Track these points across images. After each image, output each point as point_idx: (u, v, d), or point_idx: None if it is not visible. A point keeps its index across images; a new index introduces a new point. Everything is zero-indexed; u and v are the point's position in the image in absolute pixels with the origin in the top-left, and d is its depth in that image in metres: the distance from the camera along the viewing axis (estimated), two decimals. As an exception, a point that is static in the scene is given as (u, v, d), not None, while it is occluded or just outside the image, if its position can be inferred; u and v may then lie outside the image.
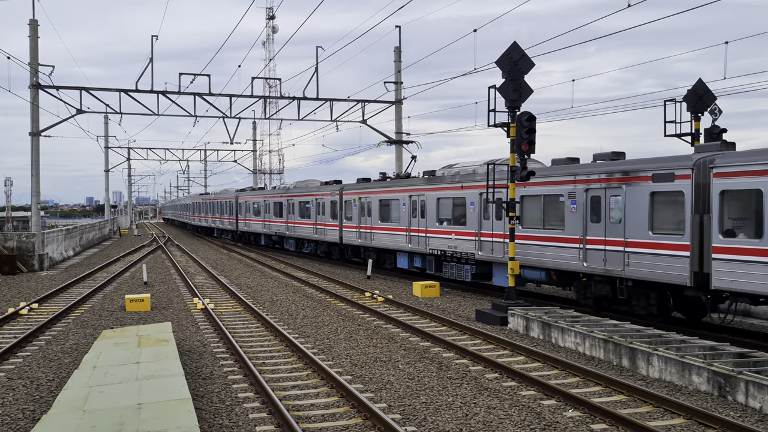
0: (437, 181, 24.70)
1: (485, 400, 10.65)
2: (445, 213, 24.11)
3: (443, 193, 24.07)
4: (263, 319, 17.63)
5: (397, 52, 37.92)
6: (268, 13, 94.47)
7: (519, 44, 17.24)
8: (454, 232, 23.37)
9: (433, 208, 24.68)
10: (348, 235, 31.95)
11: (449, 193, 23.71)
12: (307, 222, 36.94)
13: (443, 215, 24.20)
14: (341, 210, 32.63)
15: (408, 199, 26.35)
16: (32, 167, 34.78)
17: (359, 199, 30.58)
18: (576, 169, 18.26)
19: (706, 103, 18.58)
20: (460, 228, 23.04)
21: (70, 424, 7.92)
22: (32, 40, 34.37)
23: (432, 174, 25.96)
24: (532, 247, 19.59)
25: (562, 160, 19.18)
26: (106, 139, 76.23)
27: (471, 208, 22.38)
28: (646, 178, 15.81)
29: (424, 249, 25.23)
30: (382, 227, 28.51)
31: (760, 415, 9.80)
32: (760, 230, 13.26)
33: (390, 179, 29.82)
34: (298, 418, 9.70)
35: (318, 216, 35.44)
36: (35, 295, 23.22)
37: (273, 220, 43.15)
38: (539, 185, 19.23)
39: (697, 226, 14.74)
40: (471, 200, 22.38)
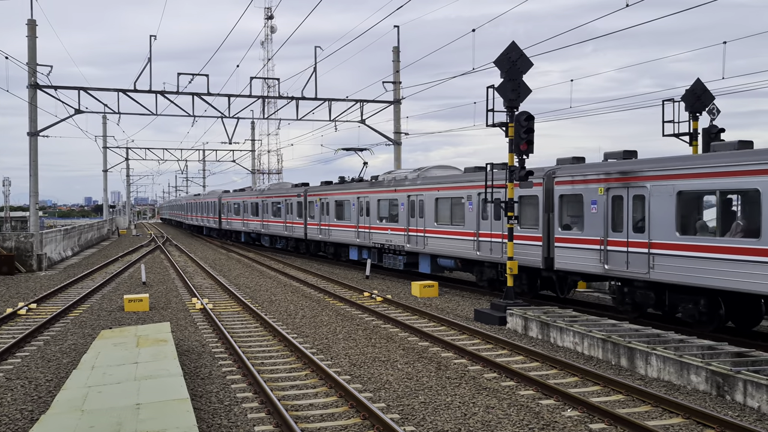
0: (378, 185, 28.83)
1: (484, 400, 10.66)
2: (383, 212, 28.31)
3: (382, 195, 28.30)
4: (262, 319, 17.63)
5: (396, 52, 37.92)
6: (266, 13, 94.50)
7: (517, 44, 17.26)
8: (390, 228, 27.58)
9: (375, 208, 28.89)
10: (311, 231, 36.31)
11: (386, 195, 27.95)
12: (279, 221, 41.66)
13: (382, 214, 28.39)
14: (305, 210, 36.91)
15: (357, 200, 30.59)
16: (30, 167, 34.75)
17: (320, 200, 34.84)
18: (473, 176, 22.33)
19: (705, 102, 18.59)
20: (394, 225, 27.24)
21: (68, 425, 7.91)
22: (30, 40, 34.33)
23: (376, 179, 30.03)
24: (444, 240, 23.57)
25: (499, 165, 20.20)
26: (104, 139, 76.18)
27: (402, 208, 26.54)
28: (515, 184, 18.20)
29: (369, 243, 29.43)
30: (337, 224, 32.81)
31: (758, 415, 9.82)
32: (582, 225, 17.67)
33: (345, 183, 33.60)
34: (297, 418, 9.70)
35: (287, 215, 39.96)
36: (34, 296, 23.20)
37: (250, 219, 48.01)
38: (449, 189, 23.32)
39: (546, 222, 18.93)
40: (401, 201, 26.51)
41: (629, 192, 16.20)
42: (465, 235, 22.38)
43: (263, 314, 18.51)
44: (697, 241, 14.48)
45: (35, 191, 35.18)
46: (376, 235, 28.66)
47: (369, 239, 29.34)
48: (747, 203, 14.27)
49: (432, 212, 24.52)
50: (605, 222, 16.96)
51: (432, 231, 24.34)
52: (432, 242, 24.49)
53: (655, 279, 15.42)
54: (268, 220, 44.06)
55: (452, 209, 23.38)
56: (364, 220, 29.86)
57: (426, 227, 24.78)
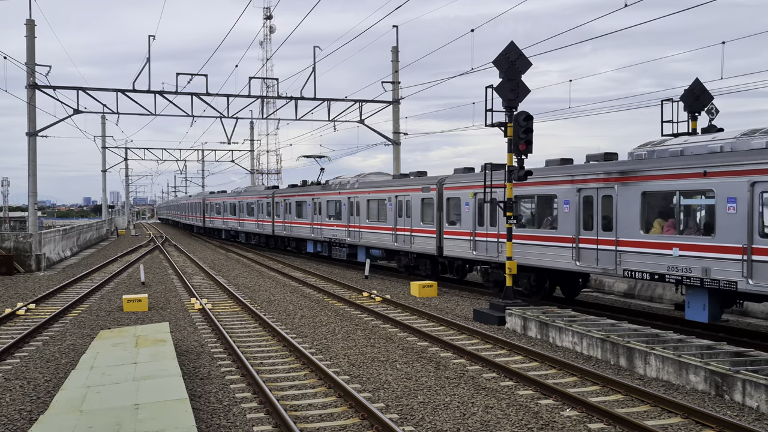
0: (327, 188, 34.21)
1: (483, 400, 10.66)
2: (331, 211, 33.68)
3: (330, 197, 33.63)
4: (261, 319, 17.62)
5: (395, 52, 37.91)
6: (265, 12, 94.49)
7: (515, 44, 17.25)
8: (335, 224, 32.94)
9: (324, 207, 34.35)
10: (277, 228, 41.87)
11: (333, 197, 33.28)
12: (252, 219, 47.13)
13: (330, 213, 33.75)
14: (273, 209, 42.37)
15: (312, 201, 36.04)
16: (29, 167, 34.72)
17: (284, 201, 40.39)
18: (394, 182, 28.14)
19: (703, 102, 18.60)
20: (338, 222, 32.54)
21: (67, 425, 7.91)
22: (29, 40, 34.31)
23: (327, 183, 35.48)
24: (374, 234, 28.93)
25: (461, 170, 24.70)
26: (103, 139, 76.11)
27: (344, 208, 31.75)
28: (418, 189, 25.39)
29: (321, 237, 34.77)
30: (297, 222, 38.33)
31: (757, 414, 9.82)
32: (459, 221, 22.93)
33: (305, 186, 38.73)
34: (296, 418, 9.70)
35: (259, 214, 45.50)
36: (32, 296, 23.19)
37: (229, 218, 53.80)
38: (378, 192, 28.91)
39: (438, 219, 24.16)
40: (344, 202, 31.83)
41: (481, 196, 21.07)
42: (387, 230, 27.81)
43: (262, 314, 18.50)
44: (524, 231, 19.76)
45: (34, 191, 35.15)
46: (326, 231, 34.06)
47: (321, 234, 34.78)
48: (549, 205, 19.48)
49: (365, 211, 29.72)
50: (474, 218, 22.05)
51: (365, 227, 29.80)
52: (365, 236, 29.76)
53: (502, 261, 19.82)
54: (243, 219, 49.87)
55: (379, 209, 28.61)
56: (318, 218, 35.21)
57: (361, 224, 30.18)
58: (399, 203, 26.81)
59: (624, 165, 16.54)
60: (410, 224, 25.90)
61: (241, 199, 50.49)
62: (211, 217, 60.42)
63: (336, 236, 32.71)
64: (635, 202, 16.02)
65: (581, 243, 17.57)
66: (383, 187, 28.55)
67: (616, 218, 16.44)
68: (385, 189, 28.23)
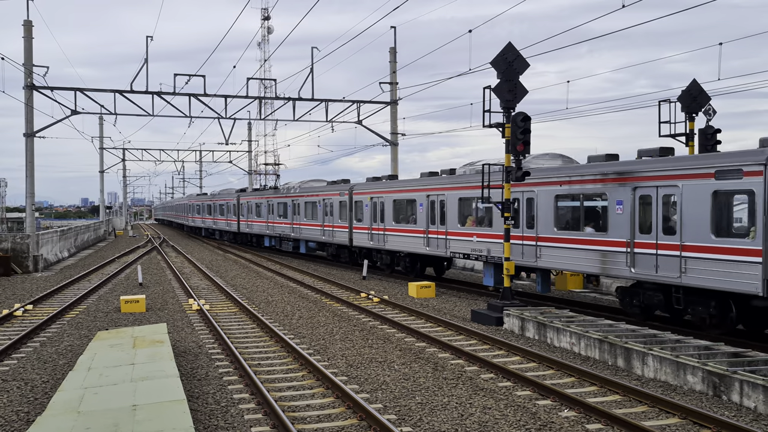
0: (278, 192, 41.96)
1: (481, 401, 10.66)
2: (280, 211, 40.69)
3: (279, 199, 40.97)
4: (259, 320, 17.61)
5: (393, 53, 37.89)
6: (263, 13, 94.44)
7: (513, 45, 17.26)
8: (283, 222, 40.05)
9: (275, 208, 41.44)
10: (242, 226, 49.28)
11: (281, 199, 40.54)
12: (224, 218, 54.87)
13: (279, 212, 40.84)
14: (238, 210, 50.27)
15: (267, 203, 43.31)
16: (27, 168, 34.66)
17: (247, 203, 47.84)
18: (326, 188, 34.38)
19: (701, 103, 18.61)
20: (285, 220, 39.70)
21: (64, 426, 7.89)
22: (26, 41, 34.25)
23: (278, 188, 43.68)
24: (310, 230, 35.72)
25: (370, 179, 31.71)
26: (101, 140, 76.02)
27: (289, 209, 38.98)
28: (337, 194, 32.34)
29: (274, 233, 42.07)
30: (257, 221, 45.59)
31: (754, 415, 9.84)
32: (363, 218, 29.59)
33: (264, 190, 46.68)
34: (294, 419, 9.69)
35: (228, 214, 52.93)
36: (30, 297, 23.15)
37: (207, 218, 61.92)
38: (311, 196, 35.76)
39: (349, 217, 30.81)
40: (289, 204, 39.11)
41: (374, 200, 28.81)
42: (318, 226, 34.64)
43: (260, 315, 18.49)
44: (403, 226, 26.56)
45: (31, 192, 35.08)
46: (277, 228, 41.42)
47: (273, 231, 42.07)
48: (412, 205, 26.33)
49: (304, 211, 36.75)
50: (371, 216, 28.99)
51: (304, 224, 36.74)
52: (304, 231, 36.76)
53: (389, 248, 27.85)
54: (217, 218, 57.54)
55: (313, 210, 35.49)
56: (271, 218, 42.50)
57: (300, 222, 37.20)
58: (325, 205, 33.81)
59: (448, 180, 23.94)
60: (332, 222, 32.80)
61: (214, 201, 58.54)
62: (194, 216, 69.06)
63: (284, 232, 40.10)
64: (455, 204, 23.39)
65: (430, 234, 24.98)
66: (315, 192, 35.45)
67: (444, 216, 23.94)
68: (317, 193, 35.14)
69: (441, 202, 24.15)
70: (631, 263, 15.95)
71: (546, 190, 18.91)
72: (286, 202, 39.58)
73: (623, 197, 16.38)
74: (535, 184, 19.09)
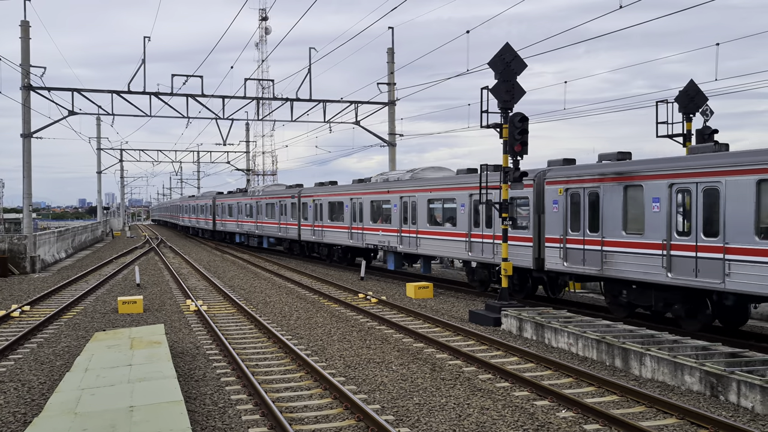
0: (246, 194, 49.01)
1: (478, 401, 10.66)
2: (248, 211, 47.57)
3: (247, 201, 47.67)
4: (256, 321, 17.59)
5: (390, 54, 37.89)
6: (260, 14, 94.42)
7: (511, 46, 17.27)
8: (249, 221, 46.91)
9: (244, 209, 48.37)
10: (218, 225, 57.36)
11: (248, 201, 47.35)
12: (202, 218, 62.96)
13: (247, 212, 47.67)
14: (214, 210, 57.91)
15: (237, 204, 50.37)
16: (24, 169, 34.62)
17: (221, 204, 55.40)
18: (283, 191, 40.86)
19: (698, 103, 18.64)
20: (251, 219, 46.62)
21: (61, 427, 7.88)
22: (24, 42, 34.22)
23: (246, 191, 51.44)
24: (270, 227, 42.22)
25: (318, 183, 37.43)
26: (98, 141, 75.95)
27: (254, 209, 45.70)
28: (290, 197, 38.54)
29: (242, 230, 49.09)
30: (229, 219, 52.93)
31: (751, 415, 9.84)
32: (308, 217, 35.67)
33: (235, 193, 53.89)
34: (292, 420, 9.68)
35: (206, 214, 61.04)
36: (27, 298, 23.11)
37: (190, 217, 70.79)
38: (270, 198, 42.48)
39: (298, 216, 37.04)
40: (253, 205, 45.75)
41: (316, 202, 34.62)
42: (275, 224, 41.18)
43: (258, 316, 18.47)
44: (336, 223, 32.45)
45: (28, 193, 35.04)
46: (245, 226, 48.22)
47: (242, 229, 48.81)
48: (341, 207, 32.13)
49: (264, 211, 43.38)
50: (313, 215, 34.98)
51: (265, 222, 43.29)
52: (266, 228, 43.07)
53: (326, 241, 33.91)
54: (197, 217, 66.02)
55: (273, 210, 41.79)
56: (240, 217, 49.45)
57: (264, 220, 43.39)
58: (281, 206, 39.73)
59: (364, 186, 30.12)
60: (286, 220, 38.93)
61: (195, 202, 67.15)
62: (182, 216, 78.32)
63: (250, 230, 46.83)
64: (368, 206, 29.09)
65: (353, 229, 30.52)
66: (274, 194, 41.77)
67: (362, 215, 29.66)
68: (275, 196, 41.44)
69: (360, 204, 29.88)
70: (468, 249, 22.29)
71: (422, 195, 25.24)
72: (251, 203, 46.64)
73: (464, 201, 22.38)
74: (416, 191, 25.71)
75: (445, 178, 24.66)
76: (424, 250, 25.31)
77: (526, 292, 20.65)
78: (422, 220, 25.12)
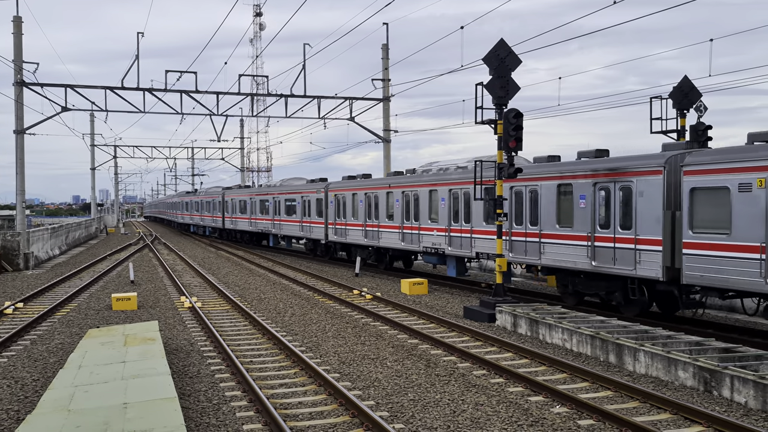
0: (203, 194, 60.63)
1: (473, 397, 10.67)
2: (209, 208, 57.21)
3: (205, 199, 59.03)
4: (251, 318, 17.57)
5: (385, 49, 37.82)
6: (255, 9, 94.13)
7: (505, 41, 17.25)
8: (212, 216, 56.53)
9: (204, 206, 58.83)
10: (194, 219, 65.36)
11: (206, 199, 58.68)
12: (179, 213, 73.34)
13: (207, 209, 57.90)
14: (190, 207, 66.77)
15: (201, 200, 60.60)
16: (17, 165, 34.45)
17: (190, 202, 65.91)
18: (222, 192, 53.44)
19: (692, 100, 18.65)
20: (209, 214, 57.24)
21: (54, 424, 7.85)
22: (16, 37, 34.02)
23: (197, 191, 64.31)
24: (241, 221, 47.92)
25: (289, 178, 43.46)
26: (92, 137, 75.63)
27: (210, 205, 56.41)
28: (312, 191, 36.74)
29: (209, 224, 58.64)
30: (197, 215, 62.94)
31: (745, 410, 9.88)
32: (247, 212, 47.23)
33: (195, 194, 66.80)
34: (286, 417, 9.67)
35: (182, 210, 71.07)
36: (20, 294, 23.02)
37: (176, 213, 78.01)
38: (209, 198, 57.04)
39: (264, 211, 42.82)
40: (206, 202, 57.95)
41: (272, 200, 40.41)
42: (248, 219, 46.48)
43: (252, 312, 18.45)
44: (289, 219, 37.49)
45: (22, 189, 34.88)
46: (206, 220, 58.72)
47: (218, 223, 54.83)
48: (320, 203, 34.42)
49: (283, 208, 42.82)
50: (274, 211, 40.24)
51: (285, 220, 42.27)
52: (284, 227, 43.13)
53: (278, 233, 39.72)
54: (176, 213, 77.80)
55: (210, 206, 55.83)
56: (206, 213, 59.21)
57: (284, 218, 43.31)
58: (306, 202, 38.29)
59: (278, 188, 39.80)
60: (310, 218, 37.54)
61: (175, 200, 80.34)
62: (170, 212, 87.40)
63: (212, 223, 56.87)
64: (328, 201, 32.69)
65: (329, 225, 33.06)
66: (297, 189, 40.38)
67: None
68: (297, 191, 39.74)
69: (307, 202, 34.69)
70: (307, 231, 33.18)
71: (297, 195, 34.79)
72: (199, 201, 60.97)
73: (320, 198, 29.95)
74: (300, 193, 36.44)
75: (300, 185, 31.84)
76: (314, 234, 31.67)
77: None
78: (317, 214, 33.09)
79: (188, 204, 67.10)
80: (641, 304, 16.39)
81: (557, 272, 18.95)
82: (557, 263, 18.16)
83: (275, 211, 41.38)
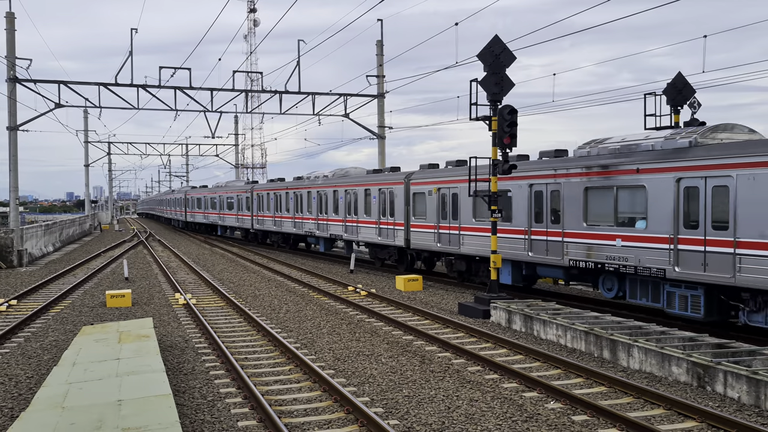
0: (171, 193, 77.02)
1: (467, 393, 10.69)
2: (176, 204, 67.08)
3: (173, 197, 70.11)
4: (246, 314, 17.56)
5: (379, 46, 37.80)
6: (249, 6, 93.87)
7: (500, 38, 17.25)
8: (178, 211, 66.31)
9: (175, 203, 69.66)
10: (176, 215, 70.87)
11: (174, 196, 70.58)
12: (178, 210, 71.56)
13: (172, 205, 72.41)
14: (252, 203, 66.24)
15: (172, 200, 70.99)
16: (10, 162, 34.34)
17: (183, 198, 65.49)
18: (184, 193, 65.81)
19: (686, 96, 18.69)
20: (176, 209, 67.90)
21: (49, 422, 7.84)
22: (9, 33, 33.89)
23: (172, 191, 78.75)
24: (228, 217, 49.78)
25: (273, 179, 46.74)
26: (85, 134, 75.41)
27: (177, 202, 68.03)
28: (243, 191, 45.88)
29: (180, 219, 65.88)
30: (170, 209, 73.46)
31: (738, 405, 9.93)
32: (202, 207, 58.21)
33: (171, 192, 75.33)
34: (281, 413, 9.68)
35: (169, 206, 76.11)
36: (14, 292, 22.95)
37: (163, 209, 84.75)
38: (230, 193, 49.75)
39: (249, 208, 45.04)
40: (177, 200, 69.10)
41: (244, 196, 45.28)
42: (237, 215, 47.58)
43: (247, 309, 18.44)
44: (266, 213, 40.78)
45: (15, 186, 34.77)
46: (176, 214, 67.93)
47: (208, 219, 56.32)
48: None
49: (219, 205, 51.46)
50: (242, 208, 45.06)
51: (178, 211, 61.00)
52: (210, 218, 53.81)
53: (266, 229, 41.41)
54: (165, 209, 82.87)
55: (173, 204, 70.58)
56: (174, 208, 69.78)
57: (220, 212, 52.01)
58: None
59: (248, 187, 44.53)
60: (233, 212, 47.42)
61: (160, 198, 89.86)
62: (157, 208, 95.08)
63: (182, 218, 63.25)
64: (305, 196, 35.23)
65: (276, 217, 39.01)
66: (175, 195, 54.26)
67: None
68: (175, 196, 54.04)
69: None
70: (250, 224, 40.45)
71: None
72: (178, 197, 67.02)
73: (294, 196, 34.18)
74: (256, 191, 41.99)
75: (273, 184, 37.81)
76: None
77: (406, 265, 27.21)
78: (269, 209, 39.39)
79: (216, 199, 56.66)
80: (406, 262, 26.27)
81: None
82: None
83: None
